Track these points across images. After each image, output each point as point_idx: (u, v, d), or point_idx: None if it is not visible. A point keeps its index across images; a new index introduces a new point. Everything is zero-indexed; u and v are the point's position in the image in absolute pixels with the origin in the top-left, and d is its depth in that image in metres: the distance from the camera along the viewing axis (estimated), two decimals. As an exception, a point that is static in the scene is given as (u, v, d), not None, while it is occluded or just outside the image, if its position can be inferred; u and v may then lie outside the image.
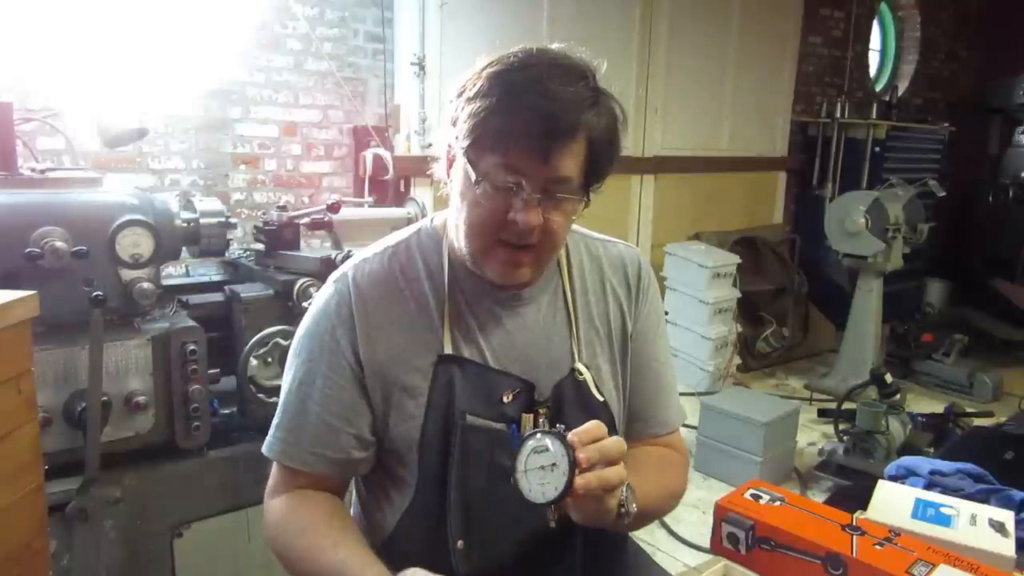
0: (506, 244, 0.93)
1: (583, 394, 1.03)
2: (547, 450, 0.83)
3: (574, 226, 1.11)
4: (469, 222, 0.94)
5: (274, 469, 1.04)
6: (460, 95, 0.92)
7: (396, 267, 1.03)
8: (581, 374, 1.03)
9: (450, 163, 0.97)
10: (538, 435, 0.84)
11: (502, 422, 0.98)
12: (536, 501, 0.83)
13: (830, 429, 3.41)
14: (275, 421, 1.03)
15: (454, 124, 0.93)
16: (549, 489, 0.82)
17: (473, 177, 0.90)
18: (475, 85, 0.90)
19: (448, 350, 0.99)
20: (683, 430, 3.87)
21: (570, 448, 0.82)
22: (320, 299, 1.03)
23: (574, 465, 0.81)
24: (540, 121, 0.86)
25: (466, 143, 0.90)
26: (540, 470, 0.83)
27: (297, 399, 1.01)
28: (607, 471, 0.83)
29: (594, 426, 0.85)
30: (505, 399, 0.99)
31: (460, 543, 0.97)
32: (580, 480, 0.81)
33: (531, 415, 0.99)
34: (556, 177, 0.89)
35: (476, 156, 0.90)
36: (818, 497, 2.92)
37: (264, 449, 1.03)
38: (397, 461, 1.02)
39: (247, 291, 1.94)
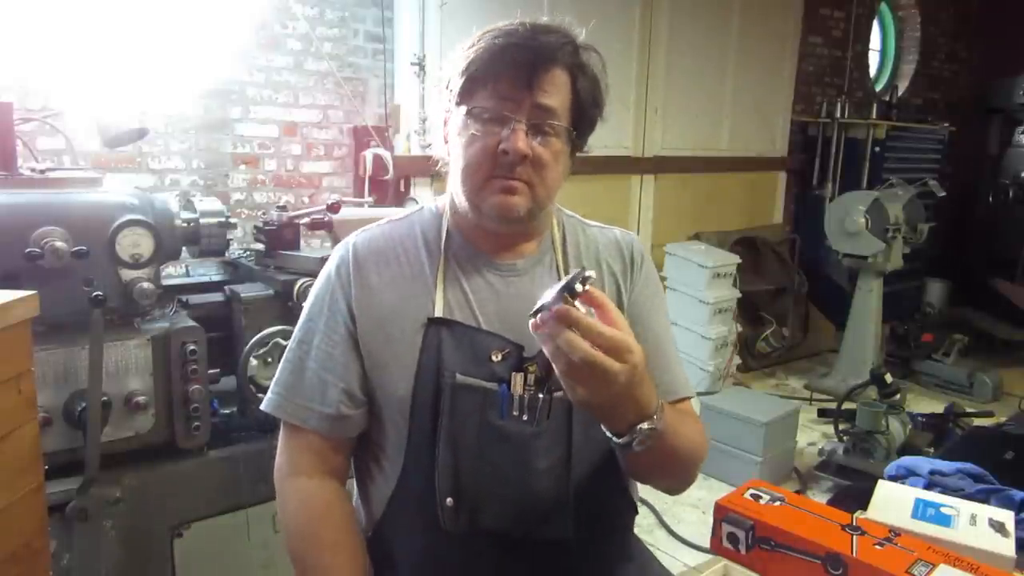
0: (499, 177, 0.98)
1: None
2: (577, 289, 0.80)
3: (570, 212, 1.17)
4: (465, 162, 0.99)
5: (281, 431, 1.08)
6: (454, 64, 1.01)
7: (396, 236, 1.09)
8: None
9: (446, 123, 1.04)
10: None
11: (492, 381, 0.99)
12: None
13: (830, 429, 3.41)
14: (275, 378, 1.08)
15: (448, 86, 1.01)
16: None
17: (467, 115, 0.98)
18: (466, 47, 0.99)
19: (439, 313, 1.02)
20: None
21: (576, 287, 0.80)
22: (326, 266, 1.10)
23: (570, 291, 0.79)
24: (524, 54, 0.95)
25: (458, 92, 0.98)
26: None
27: (296, 356, 1.07)
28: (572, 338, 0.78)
29: (614, 314, 0.83)
30: (494, 358, 1.01)
31: (449, 500, 0.98)
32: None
33: (521, 373, 1.00)
34: (541, 104, 0.96)
35: (469, 98, 0.98)
36: (818, 497, 2.92)
37: (263, 404, 1.08)
38: (390, 424, 1.04)
39: (247, 291, 1.94)
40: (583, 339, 0.79)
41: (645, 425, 0.86)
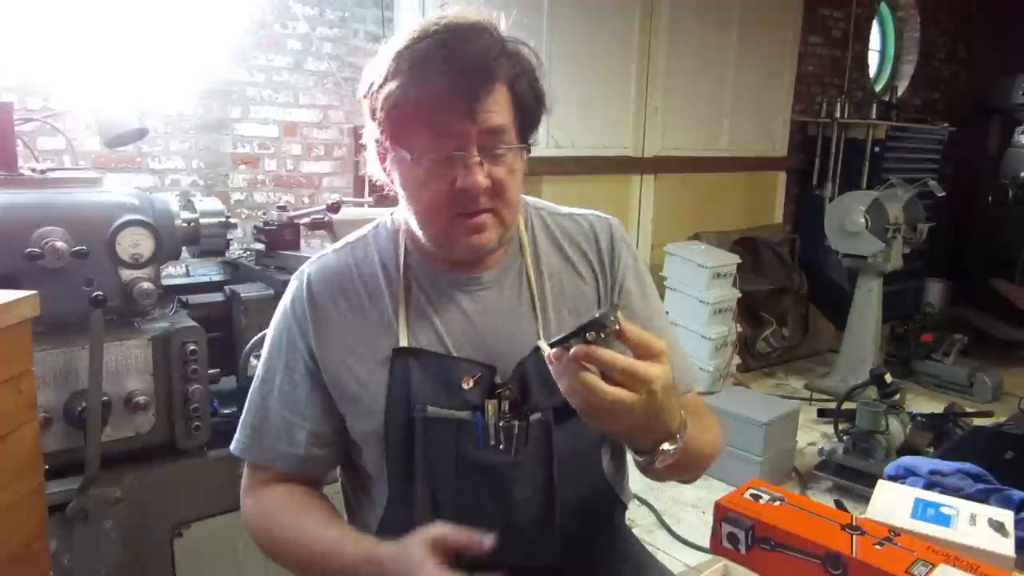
0: (463, 216, 0.91)
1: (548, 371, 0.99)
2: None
3: (540, 201, 1.10)
4: (421, 207, 0.92)
5: (246, 469, 1.06)
6: (371, 86, 0.91)
7: (352, 262, 1.03)
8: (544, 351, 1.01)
9: (382, 158, 0.96)
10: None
11: (465, 410, 0.95)
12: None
13: (830, 429, 3.41)
14: (241, 418, 1.04)
15: (374, 117, 0.92)
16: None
17: (410, 159, 0.89)
18: (383, 71, 0.89)
19: (403, 342, 0.97)
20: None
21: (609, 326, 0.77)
22: (283, 298, 1.05)
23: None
24: (456, 80, 0.85)
25: (392, 130, 0.90)
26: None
27: (259, 396, 1.03)
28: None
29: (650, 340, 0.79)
30: (465, 385, 0.96)
31: None
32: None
33: (495, 400, 0.95)
34: (488, 129, 0.88)
35: (406, 139, 0.90)
36: (818, 497, 2.92)
37: (231, 447, 1.04)
38: (369, 459, 1.01)
39: (247, 291, 1.94)
40: (599, 376, 0.76)
41: (667, 446, 0.84)
